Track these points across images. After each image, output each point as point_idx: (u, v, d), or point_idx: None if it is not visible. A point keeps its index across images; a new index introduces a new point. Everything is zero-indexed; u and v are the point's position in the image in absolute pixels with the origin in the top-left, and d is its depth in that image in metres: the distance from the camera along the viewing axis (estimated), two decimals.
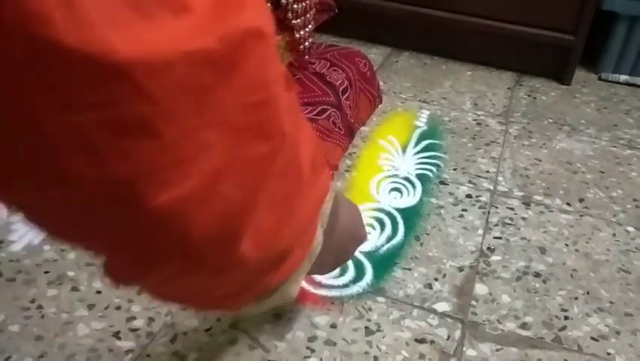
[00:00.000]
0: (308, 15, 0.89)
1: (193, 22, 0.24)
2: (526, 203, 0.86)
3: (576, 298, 0.69)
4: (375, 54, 1.30)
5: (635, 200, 0.88)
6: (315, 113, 0.88)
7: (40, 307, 0.64)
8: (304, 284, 0.68)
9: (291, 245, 0.38)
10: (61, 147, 0.24)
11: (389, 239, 0.76)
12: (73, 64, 0.22)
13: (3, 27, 0.21)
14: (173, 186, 0.27)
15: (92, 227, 0.28)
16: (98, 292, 0.66)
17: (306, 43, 0.91)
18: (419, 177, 0.90)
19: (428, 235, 0.78)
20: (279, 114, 0.30)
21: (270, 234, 0.34)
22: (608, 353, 0.63)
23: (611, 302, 0.69)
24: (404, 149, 0.97)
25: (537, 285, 0.71)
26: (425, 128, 1.04)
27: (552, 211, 0.84)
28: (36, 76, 0.22)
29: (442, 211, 0.83)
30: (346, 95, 0.95)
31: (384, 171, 0.90)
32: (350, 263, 0.72)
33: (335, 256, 0.53)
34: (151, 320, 0.63)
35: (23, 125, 0.23)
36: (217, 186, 0.28)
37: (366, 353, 0.61)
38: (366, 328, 0.64)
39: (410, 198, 0.85)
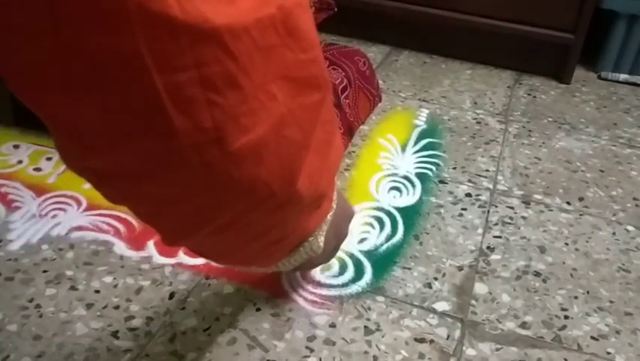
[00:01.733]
0: None
1: None
2: (526, 202, 0.86)
3: (576, 298, 0.69)
4: (374, 53, 1.29)
5: (635, 199, 0.88)
6: None
7: (38, 306, 0.63)
8: (303, 284, 0.68)
9: (326, 190, 0.44)
10: (167, 102, 0.29)
11: (388, 238, 0.76)
12: (178, 32, 0.27)
13: (126, 5, 0.26)
14: (249, 131, 0.32)
15: (173, 179, 0.33)
16: (97, 291, 0.66)
17: None
18: (419, 175, 0.89)
19: (428, 234, 0.78)
20: (324, 69, 0.37)
21: (317, 173, 0.40)
22: (608, 353, 0.63)
23: (611, 301, 0.69)
24: (403, 148, 0.96)
25: (537, 284, 0.71)
26: (425, 127, 1.03)
27: (552, 210, 0.84)
28: (149, 42, 0.27)
29: (442, 210, 0.82)
30: (345, 94, 0.95)
31: (383, 170, 0.90)
32: (349, 262, 0.71)
33: (334, 233, 0.56)
34: (149, 319, 0.63)
35: (139, 84, 0.28)
36: (282, 129, 0.34)
37: (366, 352, 0.61)
38: (366, 327, 0.63)
39: (410, 197, 0.85)
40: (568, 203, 0.86)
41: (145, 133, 0.30)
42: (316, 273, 0.69)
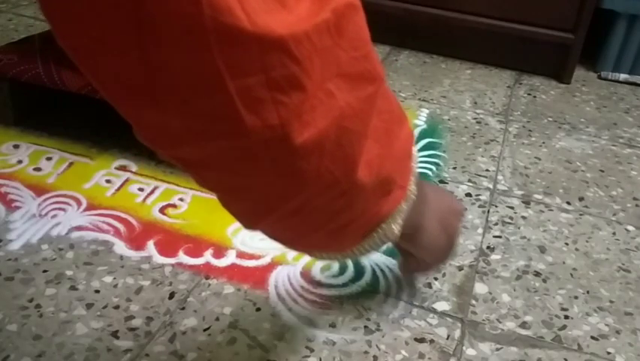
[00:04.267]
0: None
1: (310, 5, 0.33)
2: (526, 202, 0.86)
3: (576, 298, 0.69)
4: None
5: (635, 199, 0.88)
6: None
7: (38, 306, 0.63)
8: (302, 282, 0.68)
9: (394, 175, 0.46)
10: (239, 104, 0.32)
11: None
12: (249, 42, 0.30)
13: (203, 22, 0.29)
14: (311, 126, 0.35)
15: (245, 171, 0.37)
16: (97, 291, 0.66)
17: None
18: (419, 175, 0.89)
19: None
20: (376, 63, 0.40)
21: (376, 160, 0.42)
22: (608, 353, 0.63)
23: (611, 301, 0.69)
24: None
25: (537, 284, 0.71)
26: (425, 126, 1.03)
27: (552, 210, 0.84)
28: (224, 54, 0.30)
29: None
30: None
31: None
32: (349, 262, 0.71)
33: (442, 227, 0.58)
34: (149, 319, 0.63)
35: (217, 93, 0.31)
36: (342, 121, 0.37)
37: (366, 352, 0.61)
38: (366, 327, 0.63)
39: None
40: (568, 203, 0.86)
41: (221, 134, 0.34)
42: (316, 273, 0.69)
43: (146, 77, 0.31)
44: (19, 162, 0.86)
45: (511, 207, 0.84)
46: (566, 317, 0.67)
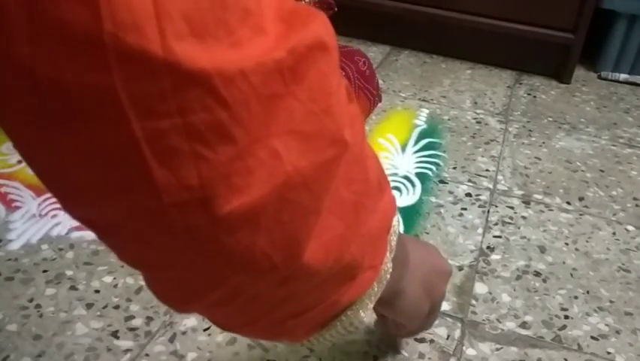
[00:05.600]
0: None
1: (267, 41, 0.26)
2: (526, 202, 0.86)
3: (576, 298, 0.69)
4: (374, 53, 1.29)
5: (635, 199, 0.88)
6: None
7: (38, 306, 0.63)
8: None
9: (361, 259, 0.38)
10: (146, 151, 0.25)
11: None
12: (158, 72, 0.24)
13: (101, 37, 0.23)
14: (243, 193, 0.27)
15: (158, 242, 0.29)
16: (97, 291, 0.66)
17: None
18: (419, 175, 0.89)
19: (428, 233, 0.78)
20: (340, 122, 0.32)
21: (339, 241, 0.34)
22: (608, 353, 0.63)
23: (611, 301, 0.69)
24: (404, 148, 0.96)
25: (537, 284, 0.71)
26: (425, 126, 1.03)
27: (552, 210, 0.84)
28: (127, 82, 0.24)
29: (442, 210, 0.82)
30: None
31: None
32: None
33: (426, 293, 0.51)
34: (149, 319, 0.63)
35: (116, 128, 0.25)
36: (287, 192, 0.29)
37: (366, 352, 0.61)
38: (366, 327, 0.63)
39: (410, 197, 0.85)
40: (568, 203, 0.86)
41: (125, 186, 0.27)
42: None
43: (37, 100, 0.25)
44: (19, 162, 0.87)
45: (511, 207, 0.84)
46: (566, 317, 0.67)
